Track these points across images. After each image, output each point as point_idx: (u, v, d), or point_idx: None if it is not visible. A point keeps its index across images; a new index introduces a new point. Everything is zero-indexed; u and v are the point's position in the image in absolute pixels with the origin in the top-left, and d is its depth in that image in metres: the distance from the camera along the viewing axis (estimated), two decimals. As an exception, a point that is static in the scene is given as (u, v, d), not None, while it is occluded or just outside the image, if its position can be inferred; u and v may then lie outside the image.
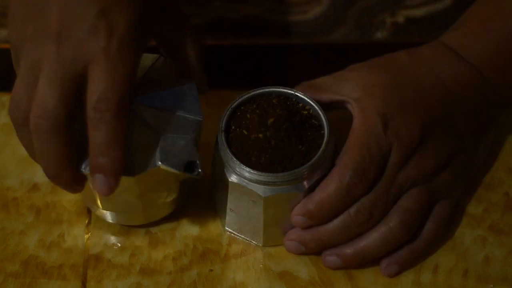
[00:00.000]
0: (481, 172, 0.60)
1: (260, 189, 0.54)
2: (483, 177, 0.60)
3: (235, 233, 0.57)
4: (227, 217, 0.57)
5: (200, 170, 0.51)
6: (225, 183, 0.55)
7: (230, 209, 0.56)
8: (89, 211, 0.59)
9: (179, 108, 0.53)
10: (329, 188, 0.54)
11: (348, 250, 0.55)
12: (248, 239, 0.57)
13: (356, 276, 0.56)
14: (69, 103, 0.48)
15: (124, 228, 0.58)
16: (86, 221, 0.58)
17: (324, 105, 0.56)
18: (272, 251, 0.57)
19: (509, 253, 0.57)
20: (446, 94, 0.56)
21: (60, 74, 0.48)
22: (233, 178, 0.54)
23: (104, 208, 0.56)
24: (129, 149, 0.51)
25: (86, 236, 0.57)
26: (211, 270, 0.56)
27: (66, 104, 0.48)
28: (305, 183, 0.54)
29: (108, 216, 0.57)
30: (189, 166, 0.52)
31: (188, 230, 0.58)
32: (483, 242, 0.57)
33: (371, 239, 0.55)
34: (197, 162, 0.52)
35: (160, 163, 0.51)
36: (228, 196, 0.55)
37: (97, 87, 0.47)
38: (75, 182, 0.51)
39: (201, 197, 0.59)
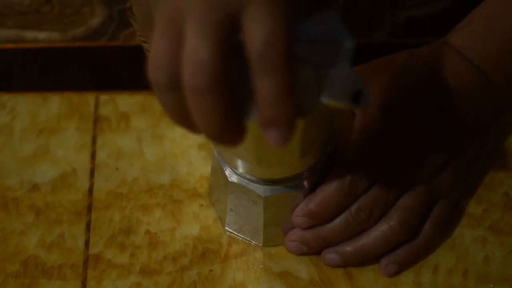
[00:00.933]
0: (481, 172, 0.60)
1: (260, 189, 0.54)
2: (483, 177, 0.60)
3: (235, 233, 0.57)
4: (227, 217, 0.57)
5: (367, 98, 0.45)
6: (225, 183, 0.55)
7: (230, 209, 0.56)
8: (89, 211, 0.59)
9: (326, 37, 0.47)
10: (330, 187, 0.54)
11: (348, 248, 0.55)
12: (248, 239, 0.57)
13: (356, 276, 0.56)
14: (226, 54, 0.41)
15: (124, 228, 0.58)
16: (86, 221, 0.58)
17: None
18: (272, 251, 0.57)
19: (509, 253, 0.57)
20: (448, 93, 0.56)
21: (211, 22, 0.41)
22: (233, 178, 0.54)
23: (257, 163, 0.51)
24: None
25: (86, 236, 0.57)
26: (211, 270, 0.56)
27: (224, 55, 0.41)
28: (305, 182, 0.54)
29: (257, 170, 0.53)
30: (355, 96, 0.46)
31: (188, 230, 0.58)
32: (483, 242, 0.57)
33: (371, 237, 0.55)
34: (363, 90, 0.46)
35: (326, 98, 0.46)
36: (228, 196, 0.55)
37: (260, 31, 0.40)
38: (240, 137, 0.44)
39: (201, 197, 0.59)
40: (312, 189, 0.54)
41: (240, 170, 0.54)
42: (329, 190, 0.54)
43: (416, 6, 0.70)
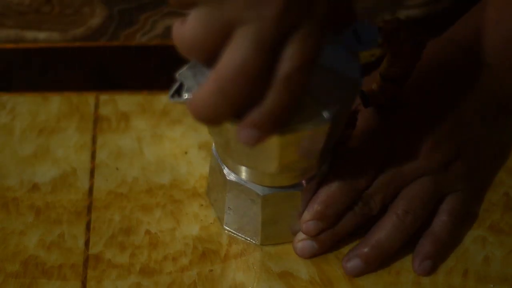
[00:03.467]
0: (497, 159, 0.60)
1: (258, 188, 0.54)
2: (500, 166, 0.60)
3: (234, 232, 0.57)
4: (226, 216, 0.57)
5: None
6: (224, 182, 0.55)
7: (229, 207, 0.56)
8: (89, 211, 0.59)
9: (336, 65, 0.49)
10: (333, 185, 0.55)
11: (365, 249, 0.55)
12: (246, 238, 0.57)
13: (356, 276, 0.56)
14: (267, 64, 0.43)
15: (124, 228, 0.58)
16: (86, 221, 0.58)
17: None
18: (272, 251, 0.57)
19: (509, 253, 0.57)
20: (448, 84, 0.57)
21: (264, 35, 0.43)
22: (231, 177, 0.54)
23: (277, 168, 0.52)
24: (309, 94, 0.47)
25: (86, 236, 0.57)
26: (211, 270, 0.56)
27: (265, 65, 0.43)
28: (303, 182, 0.54)
29: (279, 179, 0.54)
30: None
31: (188, 230, 0.58)
32: (483, 242, 0.57)
33: (383, 230, 0.55)
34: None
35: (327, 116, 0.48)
36: (227, 194, 0.55)
37: (298, 57, 0.43)
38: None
39: (201, 197, 0.59)
40: (311, 188, 0.54)
41: (245, 177, 0.54)
42: (331, 188, 0.55)
43: (416, 6, 0.71)
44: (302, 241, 0.56)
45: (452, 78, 0.57)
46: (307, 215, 0.55)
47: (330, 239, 0.56)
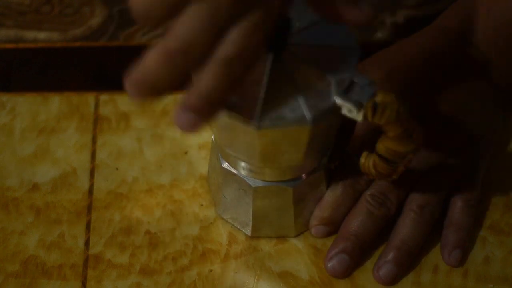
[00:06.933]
0: (502, 144, 0.61)
1: (250, 179, 0.54)
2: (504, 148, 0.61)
3: (227, 220, 0.57)
4: (221, 204, 0.57)
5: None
6: (219, 170, 0.55)
7: (224, 196, 0.56)
8: (89, 211, 0.59)
9: (333, 41, 0.49)
10: (336, 191, 0.55)
11: (393, 252, 0.55)
12: (239, 227, 0.57)
13: (356, 276, 0.56)
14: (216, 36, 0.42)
15: (124, 228, 0.58)
16: (86, 221, 0.58)
17: None
18: (272, 251, 0.57)
19: (509, 253, 0.57)
20: (445, 73, 0.57)
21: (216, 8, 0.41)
22: (225, 165, 0.54)
23: (260, 162, 0.52)
24: (299, 92, 0.47)
25: (86, 236, 0.57)
26: (211, 270, 0.56)
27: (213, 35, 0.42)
28: (303, 176, 0.54)
29: (268, 174, 0.54)
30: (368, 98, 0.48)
31: (188, 230, 0.58)
32: (483, 242, 0.57)
33: (404, 229, 0.55)
34: (375, 91, 0.48)
35: (340, 99, 0.47)
36: (222, 182, 0.55)
37: (237, 44, 0.42)
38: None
39: (201, 197, 0.59)
40: (303, 186, 0.54)
41: (244, 172, 0.54)
42: (335, 194, 0.55)
43: (416, 6, 0.71)
44: (331, 259, 0.55)
45: (447, 67, 0.57)
46: (314, 220, 0.56)
47: (359, 250, 0.55)
